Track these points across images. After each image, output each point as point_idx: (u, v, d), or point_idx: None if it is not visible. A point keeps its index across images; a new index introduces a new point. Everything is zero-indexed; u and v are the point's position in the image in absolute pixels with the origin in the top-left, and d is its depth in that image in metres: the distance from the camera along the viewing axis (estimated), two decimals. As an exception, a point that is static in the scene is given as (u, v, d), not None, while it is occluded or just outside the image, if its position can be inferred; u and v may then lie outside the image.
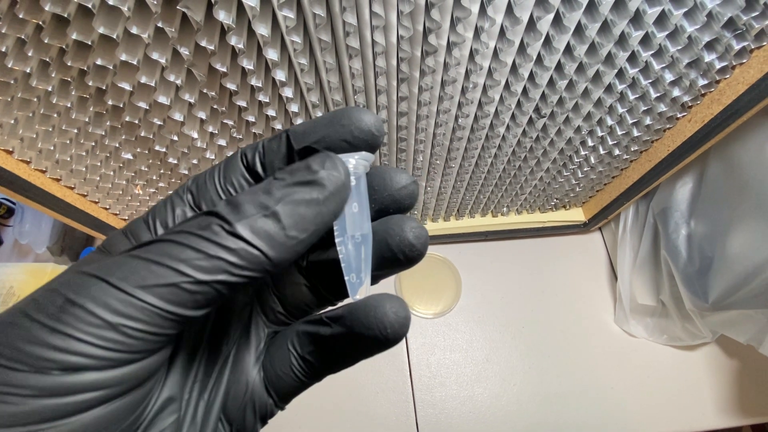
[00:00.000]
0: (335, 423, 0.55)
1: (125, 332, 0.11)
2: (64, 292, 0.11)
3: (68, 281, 0.12)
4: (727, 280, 0.43)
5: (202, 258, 0.11)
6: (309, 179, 0.12)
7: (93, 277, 0.11)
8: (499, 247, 0.66)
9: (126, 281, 0.11)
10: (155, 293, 0.11)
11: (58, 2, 0.23)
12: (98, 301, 0.11)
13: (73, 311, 0.11)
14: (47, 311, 0.11)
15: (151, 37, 0.24)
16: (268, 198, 0.12)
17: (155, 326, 0.11)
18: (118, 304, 0.11)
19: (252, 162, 0.15)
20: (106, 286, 0.11)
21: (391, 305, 0.14)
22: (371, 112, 0.14)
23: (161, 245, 0.12)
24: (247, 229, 0.12)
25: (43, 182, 0.38)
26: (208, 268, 0.11)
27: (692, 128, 0.38)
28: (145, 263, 0.11)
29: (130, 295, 0.11)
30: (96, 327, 0.11)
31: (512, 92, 0.34)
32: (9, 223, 0.67)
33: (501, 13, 0.27)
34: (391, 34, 0.27)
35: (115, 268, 0.11)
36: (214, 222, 0.12)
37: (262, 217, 0.12)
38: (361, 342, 0.14)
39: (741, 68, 0.33)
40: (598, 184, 0.54)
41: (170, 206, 0.15)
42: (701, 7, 0.28)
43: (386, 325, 0.13)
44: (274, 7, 0.25)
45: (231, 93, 0.30)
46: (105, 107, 0.31)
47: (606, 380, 0.57)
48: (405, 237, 0.14)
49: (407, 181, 0.15)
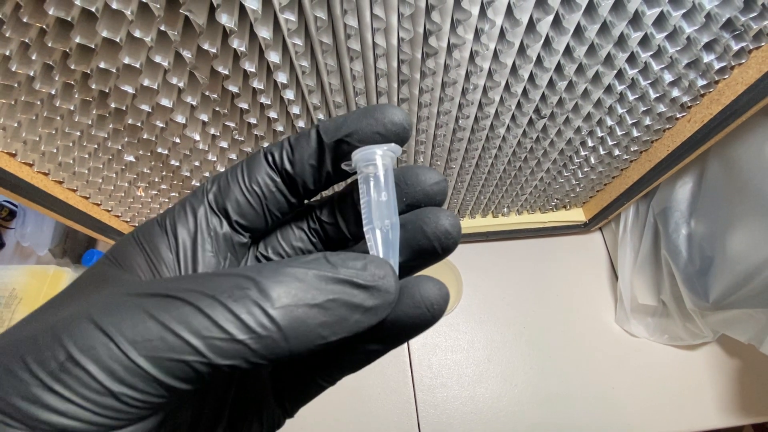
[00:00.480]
0: (337, 424, 0.55)
1: (125, 401, 0.10)
2: (67, 346, 0.10)
3: (74, 330, 0.11)
4: (728, 279, 0.43)
5: (225, 340, 0.10)
6: (364, 283, 0.11)
7: (101, 332, 0.11)
8: (499, 248, 0.66)
9: (135, 347, 0.10)
10: (162, 366, 0.10)
11: (62, 6, 0.23)
12: (103, 366, 0.10)
13: (75, 373, 0.10)
14: (47, 367, 0.10)
15: (153, 40, 0.24)
16: (319, 285, 0.11)
17: (154, 396, 0.11)
18: (122, 371, 0.10)
19: (279, 160, 0.15)
20: (114, 349, 0.10)
21: (434, 283, 0.13)
22: (402, 109, 0.14)
23: (184, 309, 0.11)
24: (288, 317, 0.11)
25: (45, 185, 0.38)
26: (227, 351, 0.11)
27: (692, 128, 0.38)
28: (160, 328, 0.11)
29: (136, 364, 0.10)
30: (96, 393, 0.10)
31: (512, 93, 0.34)
32: (11, 225, 0.68)
33: (501, 15, 0.27)
34: (391, 37, 0.28)
35: (126, 326, 0.11)
36: (251, 294, 0.11)
37: (306, 307, 0.11)
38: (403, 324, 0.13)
39: (740, 68, 0.33)
40: (599, 184, 0.54)
41: (190, 210, 0.15)
42: (700, 8, 0.28)
43: (432, 302, 0.13)
44: (275, 10, 0.25)
45: (233, 95, 0.31)
46: (108, 110, 0.31)
47: (607, 380, 0.57)
48: (441, 224, 0.14)
49: (439, 178, 0.15)
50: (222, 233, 0.15)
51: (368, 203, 0.14)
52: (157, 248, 0.14)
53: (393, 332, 0.14)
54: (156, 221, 0.15)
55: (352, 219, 0.16)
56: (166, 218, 0.15)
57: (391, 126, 0.14)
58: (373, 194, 0.14)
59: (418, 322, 0.13)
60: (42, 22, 0.24)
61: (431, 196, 0.15)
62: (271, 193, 0.15)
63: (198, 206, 0.15)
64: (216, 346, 0.10)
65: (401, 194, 0.15)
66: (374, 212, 0.14)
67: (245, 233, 0.16)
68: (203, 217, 0.15)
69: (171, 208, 0.15)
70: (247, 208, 0.15)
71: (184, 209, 0.15)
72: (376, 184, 0.14)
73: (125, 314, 0.11)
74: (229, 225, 0.15)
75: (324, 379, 0.16)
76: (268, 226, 0.16)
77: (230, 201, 0.15)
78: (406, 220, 0.15)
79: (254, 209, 0.15)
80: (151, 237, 0.14)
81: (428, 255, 0.15)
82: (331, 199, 0.17)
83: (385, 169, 0.14)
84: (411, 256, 0.15)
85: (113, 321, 0.11)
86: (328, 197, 0.17)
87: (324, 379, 0.16)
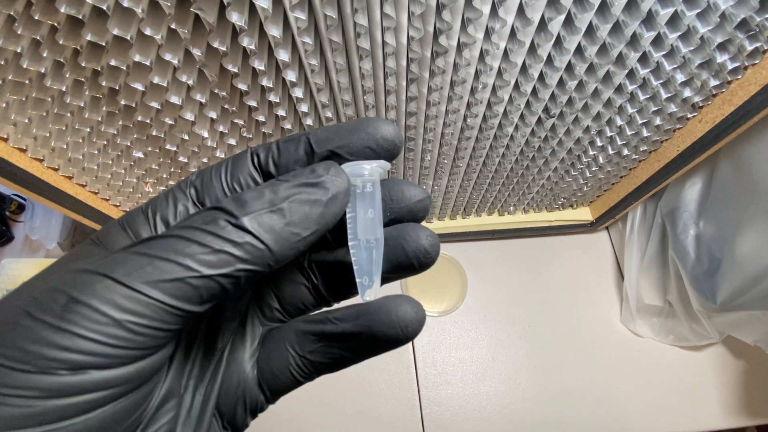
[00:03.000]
0: (341, 420, 0.55)
1: (131, 329, 0.11)
2: (67, 291, 0.11)
3: (70, 279, 0.11)
4: (736, 281, 0.42)
5: (207, 252, 0.12)
6: (314, 181, 0.13)
7: (97, 275, 0.11)
8: (505, 246, 0.66)
9: (131, 277, 0.11)
10: (161, 288, 0.11)
11: (73, 4, 0.23)
12: (103, 299, 0.11)
13: (79, 309, 0.11)
14: (51, 310, 0.11)
15: (164, 38, 0.24)
16: (274, 196, 0.12)
17: (160, 322, 0.11)
18: (124, 300, 0.11)
19: (264, 162, 0.15)
20: (111, 283, 0.11)
21: (411, 306, 0.14)
22: (393, 123, 0.15)
23: (166, 240, 0.12)
24: (255, 223, 0.12)
25: (55, 179, 0.38)
26: (213, 262, 0.12)
27: (703, 129, 0.38)
28: (150, 259, 0.11)
29: (135, 291, 0.11)
30: (102, 324, 0.11)
31: (522, 92, 0.34)
32: (20, 219, 0.68)
33: (512, 14, 0.27)
34: (401, 35, 0.27)
35: (118, 265, 0.11)
36: (220, 216, 0.12)
37: (269, 213, 0.12)
38: (377, 340, 0.14)
39: (753, 69, 0.32)
40: (606, 183, 0.54)
41: (172, 200, 0.15)
42: (714, 8, 0.28)
43: (407, 324, 0.14)
44: (285, 8, 0.25)
45: (242, 93, 0.31)
46: (117, 107, 0.31)
47: (611, 380, 0.57)
48: (420, 244, 0.15)
49: (423, 195, 0.16)
50: None
51: (354, 219, 0.15)
52: (138, 233, 0.14)
53: (368, 345, 0.15)
54: (141, 209, 0.15)
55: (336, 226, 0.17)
56: (149, 207, 0.15)
57: (383, 142, 0.14)
58: (360, 210, 0.14)
59: (391, 340, 0.14)
60: (53, 20, 0.24)
61: (414, 212, 0.16)
62: None
63: (180, 197, 0.15)
64: (203, 259, 0.12)
65: (386, 208, 0.16)
66: (360, 228, 0.15)
67: None
68: (183, 208, 0.15)
69: (155, 198, 0.15)
70: None
71: (167, 199, 0.15)
72: (364, 201, 0.14)
73: (117, 259, 0.12)
74: None
75: (302, 377, 0.16)
76: None
77: (209, 196, 0.15)
78: (389, 235, 0.15)
79: None
80: (135, 223, 0.15)
81: (406, 270, 0.15)
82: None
83: (373, 186, 0.14)
84: (390, 269, 0.15)
85: (107, 265, 0.11)
86: None
87: (302, 377, 0.16)
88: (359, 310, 0.15)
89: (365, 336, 0.14)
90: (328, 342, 0.15)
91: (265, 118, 0.33)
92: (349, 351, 0.15)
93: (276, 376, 0.16)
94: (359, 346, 0.15)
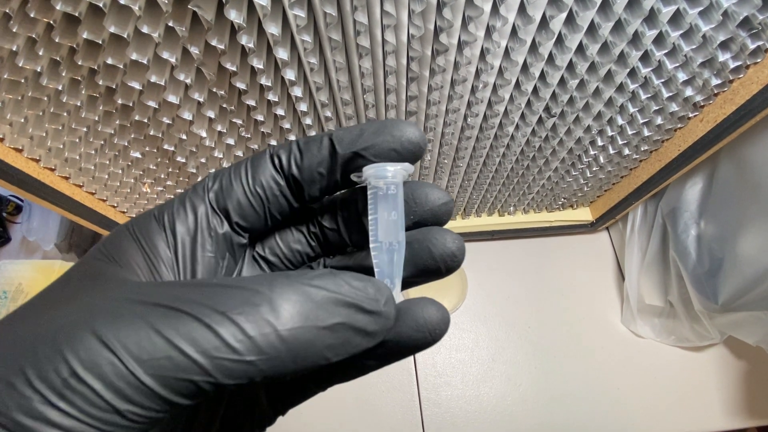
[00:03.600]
0: (341, 422, 0.55)
1: (129, 417, 0.10)
2: (71, 362, 0.10)
3: (77, 345, 0.10)
4: (738, 281, 0.42)
5: (234, 361, 0.10)
6: (369, 308, 0.12)
7: (105, 348, 0.10)
8: (505, 247, 0.66)
9: (142, 366, 0.10)
10: (169, 385, 0.10)
11: (70, 1, 0.22)
12: (108, 384, 0.10)
13: (80, 390, 0.10)
14: (51, 383, 0.10)
15: (161, 36, 0.24)
16: (328, 306, 0.11)
17: (155, 411, 0.11)
18: (128, 390, 0.10)
19: (287, 164, 0.15)
20: (120, 367, 0.10)
21: (436, 308, 0.14)
22: (417, 126, 0.14)
23: (194, 326, 0.10)
24: (297, 339, 0.11)
25: (51, 180, 0.38)
26: (233, 372, 0.10)
27: (704, 128, 0.38)
28: (167, 345, 0.10)
29: (143, 383, 0.10)
30: (100, 411, 0.10)
31: (522, 91, 0.33)
32: (17, 220, 0.68)
33: (513, 11, 0.26)
34: (401, 33, 0.27)
35: (132, 342, 0.10)
36: (262, 311, 0.10)
37: (315, 329, 0.11)
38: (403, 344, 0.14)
39: (755, 68, 0.32)
40: (607, 183, 0.54)
41: (190, 206, 0.14)
42: (717, 6, 0.27)
43: (434, 326, 0.13)
44: (284, 6, 0.24)
45: (240, 92, 0.30)
46: (114, 106, 0.31)
47: (612, 381, 0.57)
48: (448, 247, 0.15)
49: (447, 198, 0.15)
50: (222, 233, 0.15)
51: (376, 221, 0.14)
52: (155, 245, 0.14)
53: (393, 351, 0.14)
54: (153, 216, 0.14)
55: (355, 228, 0.16)
56: (164, 214, 0.14)
57: (408, 144, 0.14)
58: (382, 212, 0.14)
59: (419, 343, 0.14)
60: (49, 18, 0.24)
61: (438, 216, 0.15)
62: (275, 196, 0.15)
63: (199, 204, 0.14)
64: (224, 366, 0.10)
65: (409, 211, 0.15)
66: (382, 230, 0.14)
67: (244, 234, 0.15)
68: (204, 216, 0.14)
69: (169, 204, 0.14)
70: (249, 209, 0.15)
71: (184, 206, 0.14)
72: (386, 203, 0.14)
73: (130, 328, 0.10)
74: (230, 225, 0.15)
75: (317, 386, 0.16)
76: (267, 228, 0.16)
77: (232, 201, 0.14)
78: (413, 238, 0.15)
79: (256, 211, 0.15)
80: (148, 233, 0.14)
81: (432, 274, 0.15)
82: (333, 204, 0.17)
83: (396, 188, 0.14)
84: (414, 273, 0.15)
85: (118, 335, 0.10)
86: (330, 201, 0.17)
87: (317, 386, 0.16)
88: None
89: (391, 342, 0.14)
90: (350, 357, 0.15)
91: (264, 117, 0.33)
92: (372, 359, 0.14)
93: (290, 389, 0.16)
94: (384, 352, 0.14)
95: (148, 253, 0.14)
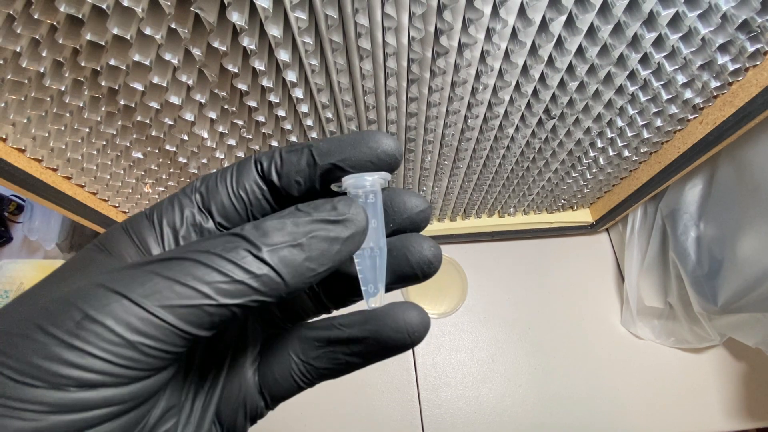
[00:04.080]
0: (341, 422, 0.55)
1: (143, 350, 0.11)
2: (82, 306, 0.11)
3: (85, 294, 0.11)
4: (737, 283, 0.42)
5: (227, 282, 0.12)
6: (335, 219, 0.13)
7: (113, 293, 0.11)
8: (505, 248, 0.66)
9: (148, 299, 0.11)
10: (176, 314, 0.11)
11: (73, 3, 0.23)
12: (119, 319, 0.11)
13: (93, 328, 0.11)
14: (65, 326, 0.11)
15: (164, 37, 0.24)
16: (295, 229, 0.13)
17: (171, 344, 0.12)
18: (139, 322, 0.11)
19: (267, 170, 0.15)
20: (128, 303, 0.11)
21: (417, 312, 0.15)
22: (394, 137, 0.15)
23: (185, 264, 0.12)
24: (275, 257, 0.12)
25: (54, 180, 0.38)
26: (231, 291, 0.12)
27: (703, 130, 0.38)
28: (168, 282, 0.11)
29: (151, 314, 0.11)
30: (115, 345, 0.11)
31: (522, 93, 0.34)
32: (19, 219, 0.68)
33: (513, 14, 0.27)
34: (402, 36, 0.27)
35: (136, 284, 0.11)
36: (241, 245, 0.12)
37: (289, 247, 0.12)
38: (383, 344, 0.15)
39: (754, 70, 0.32)
40: (606, 185, 0.54)
41: (178, 206, 0.15)
42: (716, 9, 0.28)
43: (414, 329, 0.14)
44: (286, 8, 0.25)
45: (242, 93, 0.30)
46: (117, 107, 0.31)
47: (612, 382, 0.57)
48: (424, 255, 0.15)
49: (425, 205, 0.16)
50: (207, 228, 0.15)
51: None
52: (145, 240, 0.14)
53: (374, 350, 0.15)
54: (144, 214, 0.15)
55: None
56: (154, 212, 0.15)
57: (384, 156, 0.15)
58: None
59: (398, 344, 0.15)
60: (53, 19, 0.24)
61: (416, 222, 0.16)
62: (257, 200, 0.15)
63: (185, 203, 0.15)
64: (221, 288, 0.12)
65: (388, 219, 0.16)
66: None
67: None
68: (190, 214, 0.15)
69: (160, 203, 0.15)
70: (232, 211, 0.15)
71: (173, 205, 0.15)
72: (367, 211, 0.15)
73: (133, 277, 0.12)
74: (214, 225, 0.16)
75: (305, 383, 0.16)
76: None
77: (215, 203, 0.15)
78: (392, 245, 0.16)
79: (239, 213, 0.15)
80: (140, 229, 0.15)
81: (409, 279, 0.16)
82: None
83: (375, 197, 0.15)
84: (393, 279, 0.16)
85: (123, 283, 0.11)
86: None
87: (305, 383, 0.16)
88: (366, 316, 0.15)
89: (371, 341, 0.15)
90: (333, 347, 0.16)
91: (265, 118, 0.33)
92: (354, 356, 0.15)
93: (278, 382, 0.16)
94: (364, 351, 0.15)
95: (139, 246, 0.14)
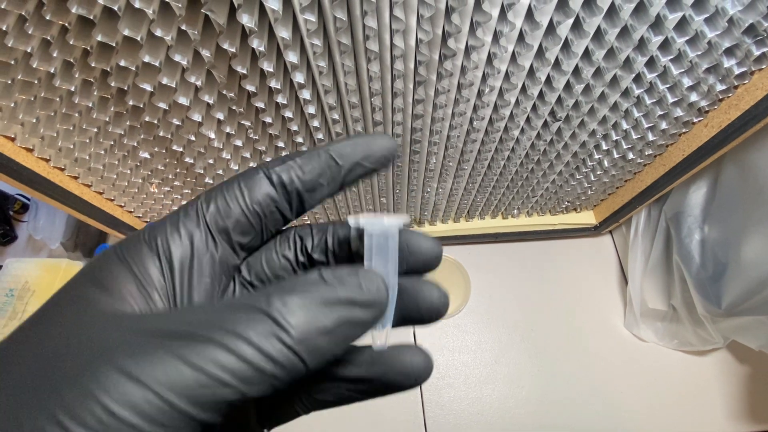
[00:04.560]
0: (344, 423, 0.55)
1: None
2: (103, 401, 0.10)
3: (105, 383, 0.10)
4: (741, 285, 0.42)
5: (255, 378, 0.11)
6: (364, 301, 0.12)
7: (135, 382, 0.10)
8: (508, 249, 0.66)
9: (175, 392, 0.10)
10: (202, 406, 0.11)
11: (85, 4, 0.23)
12: (147, 418, 0.10)
13: (117, 427, 0.10)
14: (87, 424, 0.10)
15: (174, 39, 0.24)
16: (326, 313, 0.12)
17: (180, 429, 0.11)
18: (164, 417, 0.10)
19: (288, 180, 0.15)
20: (153, 398, 0.10)
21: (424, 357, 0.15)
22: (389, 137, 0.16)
23: (208, 348, 0.11)
24: (304, 348, 0.11)
25: (61, 179, 0.38)
26: (258, 383, 0.11)
27: (709, 133, 0.38)
28: (194, 371, 0.11)
29: (180, 410, 0.10)
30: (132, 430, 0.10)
31: (528, 96, 0.34)
32: (24, 218, 0.68)
33: (521, 17, 0.27)
34: (410, 38, 0.28)
35: (159, 372, 0.11)
36: (267, 326, 0.11)
37: (320, 335, 0.12)
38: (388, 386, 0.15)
39: (760, 74, 0.32)
40: (611, 187, 0.54)
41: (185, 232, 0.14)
42: (722, 12, 0.28)
43: (420, 374, 0.15)
44: (295, 10, 0.25)
45: (249, 94, 0.31)
46: (125, 107, 0.31)
47: (615, 384, 0.57)
48: (434, 304, 0.16)
49: (438, 249, 0.16)
50: (218, 257, 0.15)
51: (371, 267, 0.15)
52: (148, 273, 0.13)
53: (378, 389, 0.15)
54: (143, 240, 0.14)
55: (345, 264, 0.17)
56: (157, 239, 0.14)
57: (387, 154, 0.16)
58: (378, 260, 0.15)
59: (402, 387, 0.15)
60: (64, 20, 0.24)
61: (428, 264, 0.16)
62: (271, 212, 0.15)
63: (194, 229, 0.14)
64: (248, 379, 0.11)
65: (402, 260, 0.16)
66: None
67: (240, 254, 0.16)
68: (200, 241, 0.14)
69: (161, 227, 0.14)
70: (248, 227, 0.15)
71: (178, 231, 0.14)
72: (383, 253, 0.15)
73: (153, 359, 0.11)
74: (230, 246, 0.15)
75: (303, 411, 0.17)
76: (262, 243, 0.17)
77: (231, 221, 0.15)
78: (402, 287, 0.16)
79: (254, 228, 0.15)
80: (140, 259, 0.14)
81: (414, 322, 0.16)
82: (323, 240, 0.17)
83: (391, 239, 0.15)
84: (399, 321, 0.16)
85: (144, 368, 0.11)
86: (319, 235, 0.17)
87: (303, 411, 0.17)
88: (373, 357, 0.15)
89: (377, 382, 0.15)
90: (338, 383, 0.16)
91: (273, 119, 0.33)
92: (357, 393, 0.15)
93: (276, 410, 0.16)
94: (369, 389, 0.15)
95: (141, 280, 0.13)
